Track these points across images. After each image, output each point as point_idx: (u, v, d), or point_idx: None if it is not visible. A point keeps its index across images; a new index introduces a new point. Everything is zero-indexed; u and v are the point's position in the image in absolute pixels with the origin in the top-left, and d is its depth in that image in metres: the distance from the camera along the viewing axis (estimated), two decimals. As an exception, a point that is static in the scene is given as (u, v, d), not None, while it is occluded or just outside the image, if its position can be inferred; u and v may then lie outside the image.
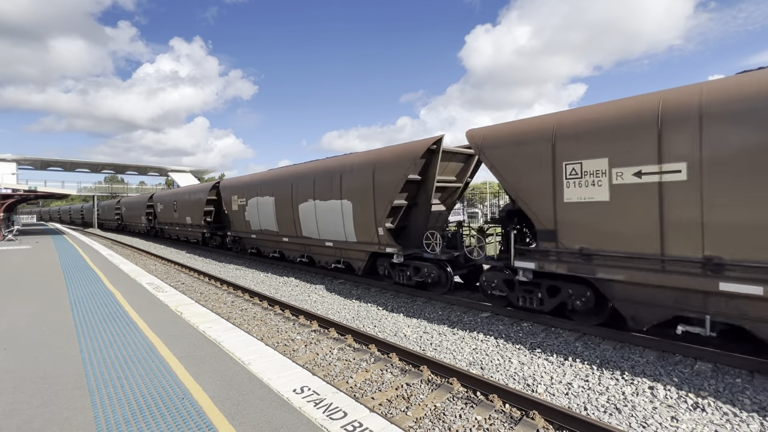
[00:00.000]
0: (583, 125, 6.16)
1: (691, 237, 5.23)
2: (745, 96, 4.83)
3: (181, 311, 7.13)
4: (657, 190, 5.44)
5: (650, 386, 4.99)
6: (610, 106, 6.04)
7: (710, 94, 5.10)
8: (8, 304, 7.72)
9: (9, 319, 6.64)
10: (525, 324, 7.36)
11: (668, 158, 5.33)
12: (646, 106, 5.56)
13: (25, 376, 4.39)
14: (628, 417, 4.41)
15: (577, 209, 6.24)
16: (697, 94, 5.21)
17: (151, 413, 3.61)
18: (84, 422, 3.46)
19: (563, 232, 6.47)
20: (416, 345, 6.77)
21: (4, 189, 22.88)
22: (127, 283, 9.88)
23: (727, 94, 4.99)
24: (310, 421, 3.47)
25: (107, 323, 6.36)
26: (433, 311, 8.52)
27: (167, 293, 8.73)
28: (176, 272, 15.10)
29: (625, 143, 5.66)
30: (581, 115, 6.29)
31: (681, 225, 5.30)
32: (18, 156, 47.23)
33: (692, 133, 5.12)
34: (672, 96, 5.44)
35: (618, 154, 5.76)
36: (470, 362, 6.00)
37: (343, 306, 9.40)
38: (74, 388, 4.08)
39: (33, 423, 3.45)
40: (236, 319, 8.48)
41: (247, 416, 3.55)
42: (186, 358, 4.88)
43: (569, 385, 5.16)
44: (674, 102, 5.35)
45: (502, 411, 4.57)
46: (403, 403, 4.80)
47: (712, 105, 5.03)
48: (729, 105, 4.91)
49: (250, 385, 4.17)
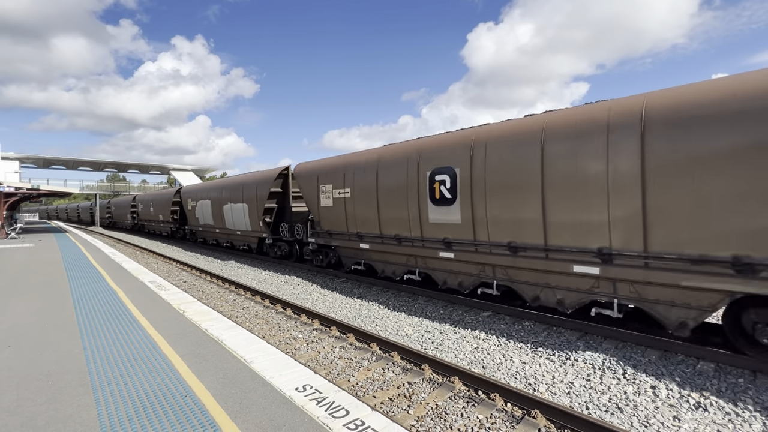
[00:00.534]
0: (326, 168, 11.96)
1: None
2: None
3: (184, 309, 7.15)
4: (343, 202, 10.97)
5: (652, 386, 4.99)
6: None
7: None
8: (12, 301, 7.75)
9: (13, 316, 6.67)
10: (527, 323, 7.36)
11: (346, 186, 10.96)
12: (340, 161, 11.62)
13: (29, 373, 4.42)
14: (629, 416, 4.41)
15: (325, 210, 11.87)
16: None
17: (154, 411, 3.62)
18: (87, 419, 3.48)
19: (320, 222, 12.30)
20: (418, 344, 6.78)
21: (7, 187, 22.93)
22: (129, 281, 9.91)
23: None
24: (312, 420, 3.48)
25: (110, 321, 6.38)
26: (435, 310, 8.53)
27: (169, 291, 8.76)
28: (178, 270, 15.14)
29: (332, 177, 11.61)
30: (326, 163, 12.37)
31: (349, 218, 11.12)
32: (21, 154, 47.36)
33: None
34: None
35: (334, 182, 11.36)
36: (472, 361, 6.01)
37: (345, 305, 9.42)
38: (78, 386, 4.10)
39: (37, 420, 3.47)
40: (238, 318, 8.50)
41: (249, 414, 3.56)
42: (188, 356, 4.90)
43: (571, 384, 5.16)
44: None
45: (504, 410, 4.58)
46: (404, 402, 4.81)
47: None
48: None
49: (252, 383, 4.19)
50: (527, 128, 6.91)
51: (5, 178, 31.15)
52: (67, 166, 53.95)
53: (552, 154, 6.44)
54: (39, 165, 51.82)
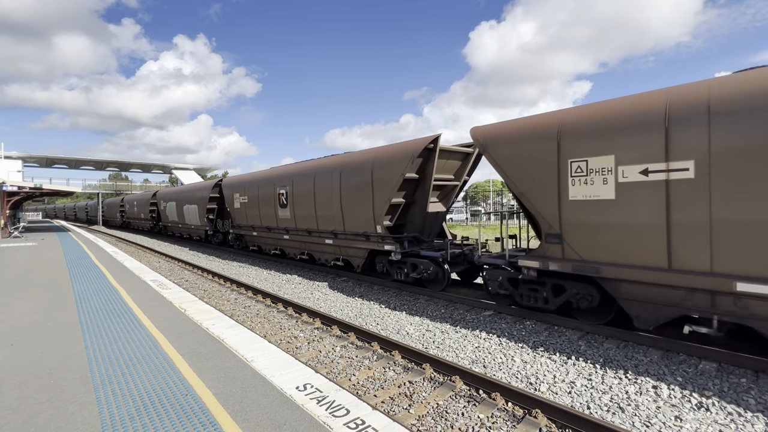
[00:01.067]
0: (236, 183, 15.25)
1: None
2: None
3: (185, 308, 7.17)
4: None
5: (654, 385, 4.97)
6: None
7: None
8: (15, 300, 7.78)
9: (15, 315, 6.70)
10: (528, 322, 7.34)
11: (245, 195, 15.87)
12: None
13: (31, 371, 4.44)
14: (631, 416, 4.39)
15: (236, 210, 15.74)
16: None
17: (156, 410, 3.63)
18: (89, 418, 3.49)
19: (234, 219, 17.68)
20: (419, 343, 6.78)
21: (10, 186, 23.01)
22: (131, 280, 9.94)
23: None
24: (313, 419, 3.48)
25: (112, 320, 6.40)
26: (436, 309, 8.52)
27: (171, 290, 8.78)
28: (180, 269, 15.18)
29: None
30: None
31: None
32: (23, 153, 47.53)
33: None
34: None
35: (240, 192, 15.03)
36: (473, 360, 6.00)
37: (346, 304, 9.42)
38: (79, 384, 4.11)
39: (39, 418, 3.48)
40: (239, 317, 8.51)
41: (250, 413, 3.56)
42: (190, 355, 4.91)
43: (572, 383, 5.15)
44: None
45: (505, 409, 4.57)
46: (405, 401, 4.80)
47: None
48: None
49: (253, 381, 4.19)
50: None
51: (8, 177, 31.26)
52: (69, 165, 54.13)
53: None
54: (42, 164, 51.99)
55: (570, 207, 6.30)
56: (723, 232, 4.98)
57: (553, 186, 6.45)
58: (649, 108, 5.51)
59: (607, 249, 5.99)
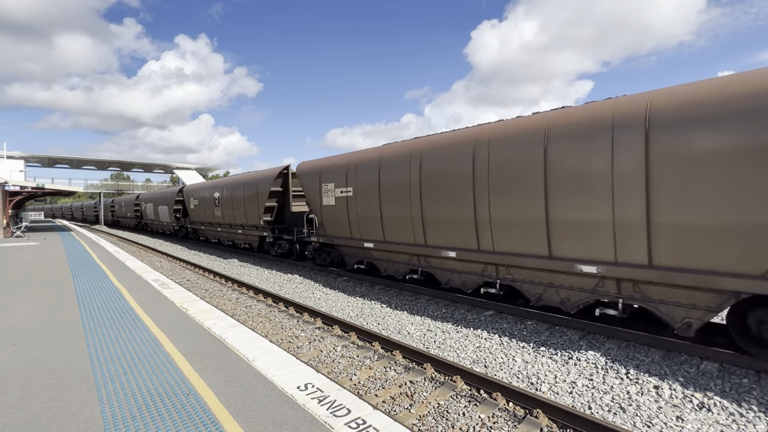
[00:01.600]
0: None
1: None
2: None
3: (187, 308, 7.18)
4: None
5: (655, 386, 4.97)
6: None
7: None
8: (17, 299, 7.81)
9: (18, 314, 6.72)
10: (529, 322, 7.34)
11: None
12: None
13: (33, 371, 4.45)
14: (632, 416, 4.39)
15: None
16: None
17: (157, 409, 3.64)
18: (91, 417, 3.50)
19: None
20: (420, 343, 6.78)
21: (12, 186, 23.09)
22: (133, 280, 9.96)
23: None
24: (314, 418, 3.49)
25: (114, 319, 6.42)
26: (437, 309, 8.53)
27: (173, 290, 8.80)
28: (181, 269, 15.21)
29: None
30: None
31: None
32: (25, 153, 47.69)
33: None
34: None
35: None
36: (474, 360, 6.00)
37: (347, 303, 9.43)
38: (81, 383, 4.13)
39: (41, 417, 3.50)
40: (241, 316, 8.53)
41: (251, 412, 3.57)
42: (191, 355, 4.92)
43: (573, 383, 5.15)
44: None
45: (506, 409, 4.57)
46: (406, 401, 4.81)
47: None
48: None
49: (254, 381, 4.20)
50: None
51: (10, 177, 31.37)
52: (71, 165, 54.28)
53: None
54: (44, 164, 52.16)
55: (324, 209, 11.97)
56: (361, 221, 10.95)
57: (318, 198, 12.14)
58: (319, 165, 12.31)
59: (337, 230, 11.74)
